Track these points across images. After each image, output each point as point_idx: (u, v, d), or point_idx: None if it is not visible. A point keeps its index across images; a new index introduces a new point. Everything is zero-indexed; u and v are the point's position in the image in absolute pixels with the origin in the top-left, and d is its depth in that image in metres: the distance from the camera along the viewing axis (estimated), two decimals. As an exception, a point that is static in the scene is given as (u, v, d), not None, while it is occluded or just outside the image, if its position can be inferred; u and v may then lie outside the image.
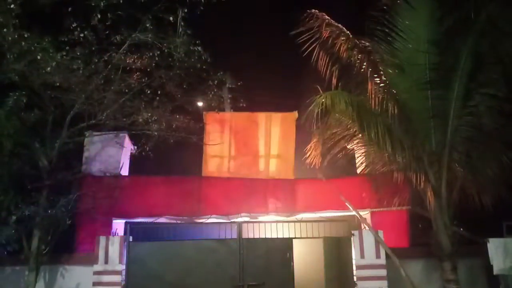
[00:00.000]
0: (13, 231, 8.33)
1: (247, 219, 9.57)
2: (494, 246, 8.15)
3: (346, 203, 8.77)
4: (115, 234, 9.10)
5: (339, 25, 7.58)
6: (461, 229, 8.32)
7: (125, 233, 9.27)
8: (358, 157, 9.40)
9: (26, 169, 8.79)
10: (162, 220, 9.52)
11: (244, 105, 11.21)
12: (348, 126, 8.05)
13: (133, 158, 10.67)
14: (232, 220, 9.49)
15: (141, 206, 9.44)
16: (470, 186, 7.74)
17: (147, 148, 10.23)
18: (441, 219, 7.44)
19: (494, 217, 8.76)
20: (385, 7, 7.54)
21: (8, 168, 8.58)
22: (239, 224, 9.14)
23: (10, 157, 8.61)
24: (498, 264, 8.01)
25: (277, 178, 9.99)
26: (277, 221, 9.32)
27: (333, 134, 8.18)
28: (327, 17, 7.53)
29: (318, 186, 9.35)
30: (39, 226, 8.31)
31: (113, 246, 8.37)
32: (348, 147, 8.60)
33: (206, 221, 9.59)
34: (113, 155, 9.87)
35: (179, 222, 9.58)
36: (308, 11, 7.49)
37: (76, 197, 8.81)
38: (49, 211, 8.36)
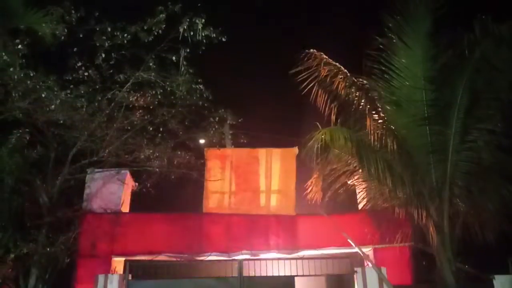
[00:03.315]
0: (10, 269, 8.22)
1: (248, 256, 9.44)
2: (501, 283, 8.00)
3: (348, 240, 8.67)
4: (114, 273, 8.94)
5: (337, 63, 7.76)
6: (466, 265, 8.19)
7: (124, 271, 9.12)
8: (359, 192, 9.37)
9: (26, 206, 8.77)
10: (162, 257, 9.39)
11: (245, 141, 11.31)
12: (348, 162, 8.07)
13: (134, 195, 10.65)
14: (233, 258, 9.36)
15: (141, 244, 9.34)
16: (473, 221, 7.67)
17: (148, 184, 10.25)
18: (444, 255, 7.32)
19: (499, 253, 8.64)
20: (381, 46, 7.75)
21: (8, 205, 8.57)
22: (240, 262, 9.00)
23: (11, 193, 8.62)
24: (505, 302, 7.83)
25: (278, 214, 9.94)
26: (278, 259, 9.19)
27: (333, 169, 8.19)
28: (325, 56, 7.73)
29: (320, 222, 9.28)
30: (37, 264, 8.20)
31: (111, 285, 8.21)
32: (348, 182, 8.60)
33: (206, 259, 9.45)
34: (114, 192, 9.86)
35: (179, 260, 9.45)
36: (306, 50, 7.70)
37: (75, 235, 8.74)
38: (48, 249, 8.27)
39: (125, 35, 8.41)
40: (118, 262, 9.46)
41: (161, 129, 9.85)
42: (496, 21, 6.85)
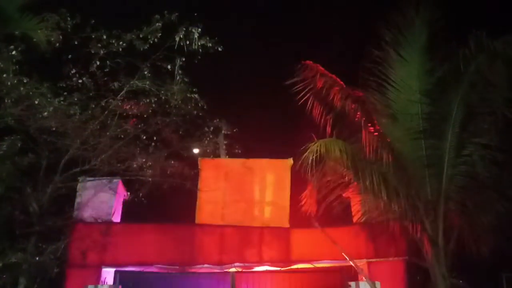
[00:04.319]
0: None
1: (240, 268, 9.32)
2: (495, 299, 7.93)
3: (343, 253, 8.59)
4: (104, 283, 8.78)
5: (333, 75, 7.77)
6: (460, 280, 8.13)
7: (114, 282, 8.97)
8: (353, 205, 9.32)
9: (16, 214, 8.62)
10: (153, 269, 9.24)
11: (239, 152, 11.26)
12: (343, 174, 8.04)
13: (126, 204, 10.52)
14: (225, 270, 9.24)
15: (132, 254, 9.18)
16: (467, 236, 7.64)
17: (141, 194, 10.13)
18: (439, 269, 7.28)
19: (493, 268, 8.61)
20: (377, 59, 7.78)
21: (-3, 213, 8.43)
22: (233, 274, 8.89)
23: (0, 201, 8.47)
24: (499, 318, 7.76)
25: (272, 226, 9.83)
26: (271, 271, 9.08)
27: (328, 181, 8.15)
28: (321, 68, 7.74)
29: (314, 235, 9.18)
30: (25, 273, 8.03)
31: (101, 296, 8.07)
32: (343, 195, 8.55)
33: (198, 271, 9.32)
34: (105, 201, 9.70)
35: (170, 271, 9.30)
36: (303, 62, 7.71)
37: (65, 244, 8.60)
38: (37, 258, 8.12)
39: (121, 43, 8.38)
40: (108, 273, 9.30)
41: (154, 138, 9.78)
42: (491, 37, 6.90)
